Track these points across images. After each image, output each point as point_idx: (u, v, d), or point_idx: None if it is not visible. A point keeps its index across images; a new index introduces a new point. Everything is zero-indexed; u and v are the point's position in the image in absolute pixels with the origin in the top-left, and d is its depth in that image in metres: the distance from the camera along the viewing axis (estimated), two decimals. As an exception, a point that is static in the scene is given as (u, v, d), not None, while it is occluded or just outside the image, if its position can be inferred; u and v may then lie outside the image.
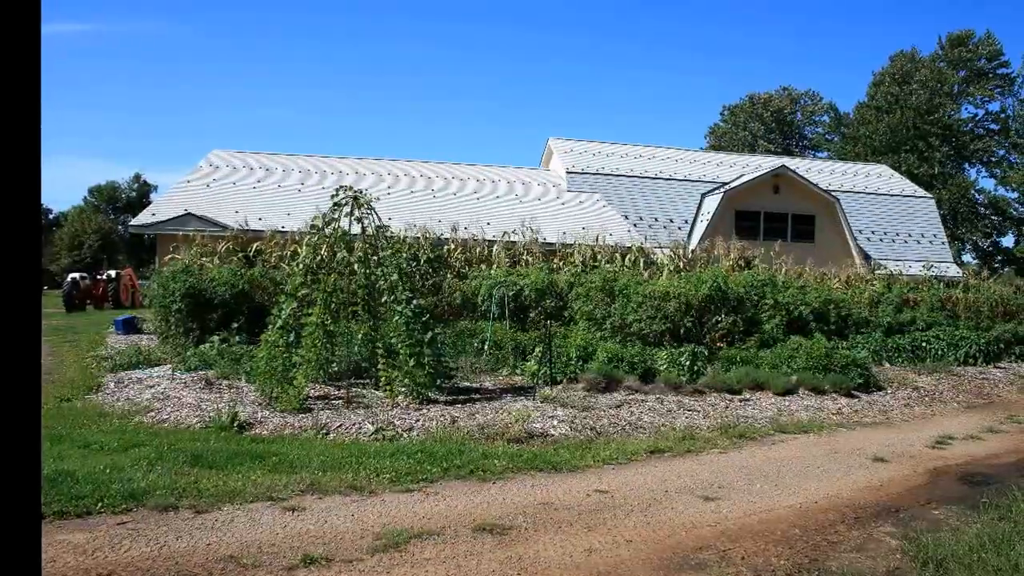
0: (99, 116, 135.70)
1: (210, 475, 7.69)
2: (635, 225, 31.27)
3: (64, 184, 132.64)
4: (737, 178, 35.69)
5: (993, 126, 62.90)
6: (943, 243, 36.82)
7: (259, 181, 30.21)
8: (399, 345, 11.85)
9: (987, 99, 62.31)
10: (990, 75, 61.94)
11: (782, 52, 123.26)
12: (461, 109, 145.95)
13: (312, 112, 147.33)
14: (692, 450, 9.81)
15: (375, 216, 12.59)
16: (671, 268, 23.05)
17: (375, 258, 12.73)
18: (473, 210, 28.84)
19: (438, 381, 12.01)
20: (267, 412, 10.71)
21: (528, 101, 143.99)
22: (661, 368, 14.32)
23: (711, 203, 33.55)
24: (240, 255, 21.45)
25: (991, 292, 23.50)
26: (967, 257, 59.80)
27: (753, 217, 33.16)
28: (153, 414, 10.69)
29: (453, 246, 22.90)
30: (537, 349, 14.40)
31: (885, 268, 30.07)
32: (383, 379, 11.68)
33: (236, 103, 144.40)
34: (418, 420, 10.52)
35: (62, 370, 14.76)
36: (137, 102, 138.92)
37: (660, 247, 26.08)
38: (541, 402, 11.90)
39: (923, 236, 36.57)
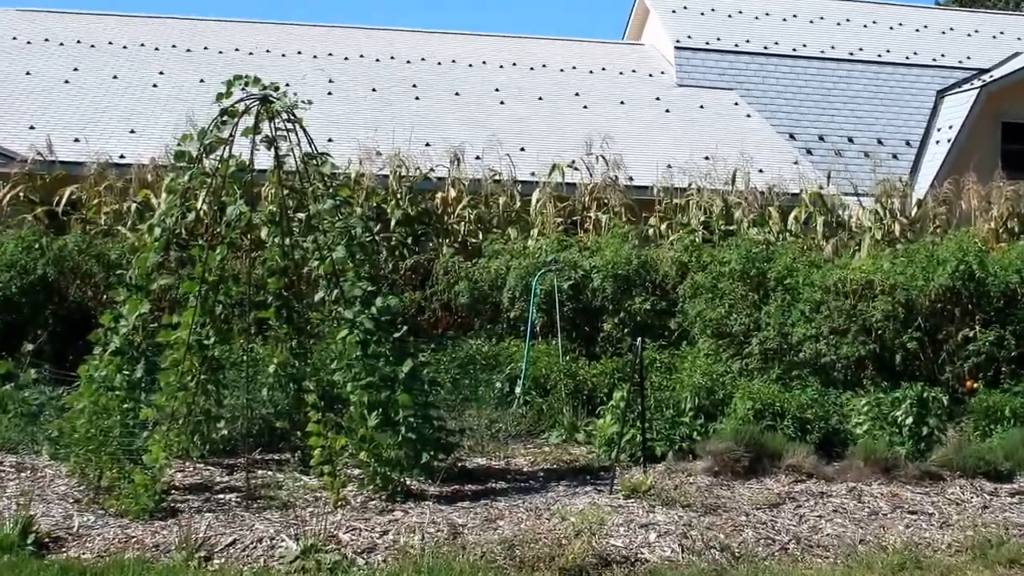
0: None
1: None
2: (808, 152, 31.09)
3: None
4: (1006, 60, 35.46)
5: None
6: None
7: (76, 69, 30.35)
8: (348, 386, 11.78)
9: None
10: None
11: None
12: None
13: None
14: (920, 590, 9.73)
15: (302, 135, 12.52)
16: (877, 236, 22.81)
17: (301, 216, 12.68)
18: (494, 124, 28.81)
19: (425, 457, 11.92)
20: (92, 516, 10.68)
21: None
22: (857, 429, 14.20)
23: (955, 109, 33.27)
24: (40, 210, 21.48)
25: None
26: None
27: (1038, 137, 32.88)
28: None
29: (454, 192, 22.83)
30: (618, 393, 14.26)
31: None
32: (317, 453, 11.61)
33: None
34: (386, 532, 10.45)
35: None
36: None
37: (856, 194, 25.84)
38: (625, 497, 11.82)
39: None
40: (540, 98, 31.75)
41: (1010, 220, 24.02)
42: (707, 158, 25.94)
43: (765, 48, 34.88)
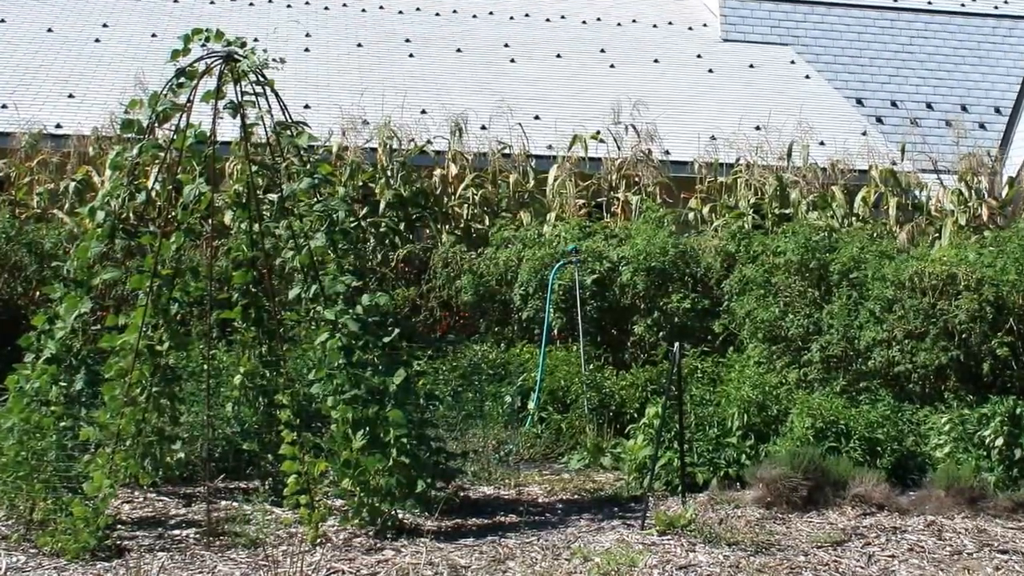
0: None
1: None
2: (879, 120, 31.01)
3: None
4: (1118, 9, 35.26)
5: None
6: None
7: (3, 21, 30.36)
8: (329, 401, 11.73)
9: None
10: None
11: None
12: None
13: None
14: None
15: (273, 100, 12.48)
16: (960, 221, 22.76)
17: (273, 198, 12.64)
18: (504, 87, 28.80)
19: (420, 484, 11.87)
20: (23, 556, 10.65)
21: None
22: (937, 452, 14.19)
23: (1056, 68, 33.08)
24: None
25: None
26: None
27: None
28: None
29: (455, 169, 22.79)
30: (651, 409, 14.28)
31: None
32: (291, 480, 11.61)
33: None
34: (374, 575, 10.41)
35: None
36: None
37: (936, 171, 25.80)
38: (660, 533, 11.81)
39: None
40: (558, 55, 31.73)
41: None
42: (758, 128, 25.98)
43: (829, -4, 34.83)
